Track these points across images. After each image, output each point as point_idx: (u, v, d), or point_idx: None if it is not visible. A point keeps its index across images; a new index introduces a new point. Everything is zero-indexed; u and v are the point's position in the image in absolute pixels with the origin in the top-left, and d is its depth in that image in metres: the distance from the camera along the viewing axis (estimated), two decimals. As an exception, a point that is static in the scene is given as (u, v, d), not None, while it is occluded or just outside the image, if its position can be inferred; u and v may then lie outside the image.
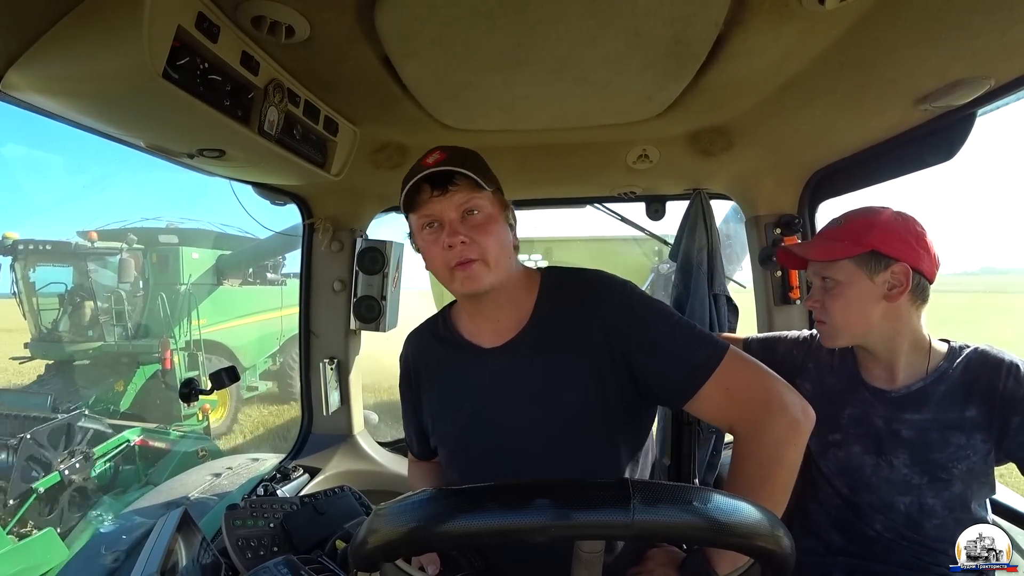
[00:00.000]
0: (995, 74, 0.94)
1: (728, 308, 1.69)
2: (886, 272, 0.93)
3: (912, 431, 0.95)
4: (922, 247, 0.93)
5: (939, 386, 0.94)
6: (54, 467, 4.34)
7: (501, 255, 0.85)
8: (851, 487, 1.01)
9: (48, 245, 7.09)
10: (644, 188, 1.79)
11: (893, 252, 0.92)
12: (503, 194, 0.91)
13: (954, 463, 0.92)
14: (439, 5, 0.80)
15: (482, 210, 0.84)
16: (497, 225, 0.86)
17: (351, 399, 1.89)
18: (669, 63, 0.99)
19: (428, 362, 0.99)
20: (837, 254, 0.96)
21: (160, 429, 5.40)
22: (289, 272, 9.49)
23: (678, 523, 0.45)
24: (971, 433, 0.92)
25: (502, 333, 0.90)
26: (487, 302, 0.89)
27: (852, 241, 0.94)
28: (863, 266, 0.94)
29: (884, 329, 0.96)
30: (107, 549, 1.12)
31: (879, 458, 0.98)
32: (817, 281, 1.01)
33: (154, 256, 7.76)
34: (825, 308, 0.99)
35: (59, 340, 7.19)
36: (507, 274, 0.87)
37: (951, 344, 0.98)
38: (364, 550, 0.48)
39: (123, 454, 4.97)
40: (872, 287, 0.94)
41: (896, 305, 0.94)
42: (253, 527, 0.99)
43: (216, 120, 0.91)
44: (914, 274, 0.92)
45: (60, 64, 0.76)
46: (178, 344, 7.26)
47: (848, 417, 1.02)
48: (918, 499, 0.95)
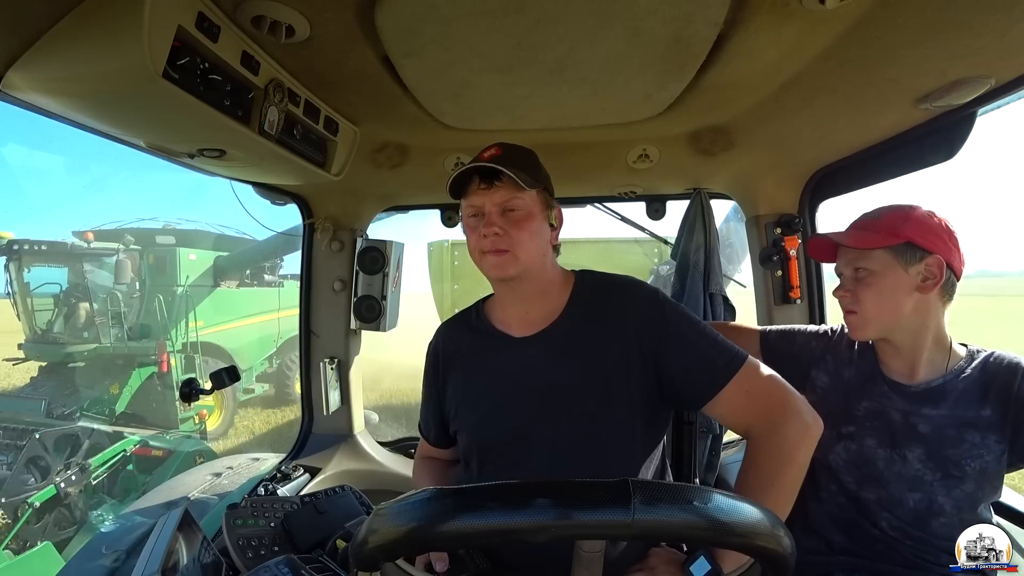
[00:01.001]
0: (995, 74, 0.94)
1: (724, 308, 1.69)
2: (920, 264, 0.94)
3: (928, 426, 0.96)
4: (953, 243, 0.94)
5: (957, 384, 0.95)
6: (50, 479, 4.26)
7: (532, 249, 0.90)
8: (859, 481, 1.01)
9: (43, 245, 6.97)
10: (644, 188, 1.79)
11: (928, 244, 0.93)
12: (551, 194, 0.96)
13: (967, 460, 0.93)
14: (439, 5, 0.80)
15: (521, 208, 0.89)
16: (533, 223, 0.90)
17: (351, 399, 1.89)
18: (669, 63, 0.99)
19: (459, 349, 1.03)
20: (874, 243, 0.96)
21: (157, 437, 5.29)
22: (287, 274, 9.43)
23: (678, 523, 0.46)
24: (986, 433, 0.92)
25: (533, 324, 0.94)
26: (518, 291, 0.94)
27: (888, 232, 0.95)
28: (898, 256, 0.95)
29: (912, 322, 0.97)
30: (108, 549, 1.12)
31: (892, 451, 0.98)
32: (848, 271, 1.01)
33: (151, 257, 7.68)
34: (857, 298, 0.99)
35: (54, 342, 7.08)
36: (538, 267, 0.92)
37: (969, 347, 0.99)
38: (365, 549, 0.48)
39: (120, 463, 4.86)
40: (906, 277, 0.94)
41: (927, 298, 0.95)
42: (254, 526, 0.99)
43: (216, 120, 0.91)
44: (947, 268, 0.93)
45: (60, 64, 0.76)
46: (175, 346, 7.18)
47: (864, 409, 1.02)
48: (928, 496, 0.95)
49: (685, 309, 0.94)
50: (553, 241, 0.96)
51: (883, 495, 0.99)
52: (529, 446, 0.90)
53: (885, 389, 1.01)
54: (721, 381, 0.86)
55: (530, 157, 0.94)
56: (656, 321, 0.89)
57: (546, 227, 0.93)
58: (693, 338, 0.89)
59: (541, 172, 0.94)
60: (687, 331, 0.89)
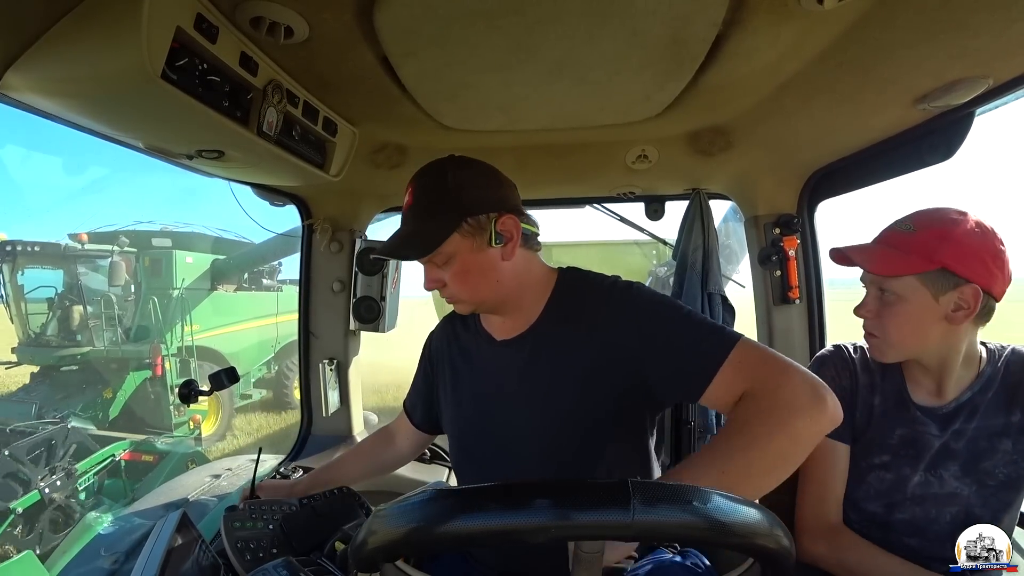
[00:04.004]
0: (993, 73, 0.94)
1: (723, 308, 1.69)
2: (954, 292, 0.83)
3: (962, 441, 0.91)
4: (997, 266, 0.83)
5: (986, 394, 0.90)
6: (33, 485, 4.14)
7: (479, 290, 0.86)
8: (888, 508, 0.96)
9: (37, 247, 6.91)
10: (643, 188, 1.79)
11: (965, 272, 0.82)
12: (486, 207, 0.84)
13: (1000, 468, 0.89)
14: (438, 5, 0.80)
15: (447, 260, 0.84)
16: (465, 270, 0.84)
17: (351, 400, 1.89)
18: (668, 63, 0.99)
19: (451, 345, 1.03)
20: (902, 270, 0.85)
21: (147, 442, 5.18)
22: (285, 278, 9.36)
23: (678, 523, 0.45)
24: (1018, 438, 0.88)
25: (513, 328, 0.93)
26: (488, 310, 0.93)
27: (921, 255, 0.84)
28: (929, 283, 0.84)
29: (940, 348, 0.89)
30: (106, 551, 1.12)
31: (928, 474, 0.93)
32: (873, 291, 0.92)
33: (146, 260, 7.63)
34: (880, 323, 0.91)
35: (47, 345, 7.02)
36: (498, 295, 0.88)
37: (988, 346, 0.93)
38: (364, 551, 0.48)
39: (108, 469, 4.75)
40: (935, 307, 0.85)
41: (958, 327, 0.86)
42: (252, 529, 0.99)
43: (215, 121, 0.91)
44: (984, 295, 0.83)
45: (59, 65, 0.76)
46: (169, 350, 7.13)
47: (899, 438, 0.95)
48: (965, 508, 0.91)
49: (666, 299, 0.86)
50: (507, 257, 0.86)
51: (918, 512, 0.93)
52: (508, 446, 0.90)
53: (918, 415, 0.93)
54: (712, 367, 0.75)
55: (438, 184, 0.84)
56: (632, 328, 0.82)
57: (488, 255, 0.84)
58: (674, 330, 0.80)
59: (459, 198, 0.83)
60: (666, 325, 0.81)
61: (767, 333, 1.72)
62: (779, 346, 1.69)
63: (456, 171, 0.85)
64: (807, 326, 1.67)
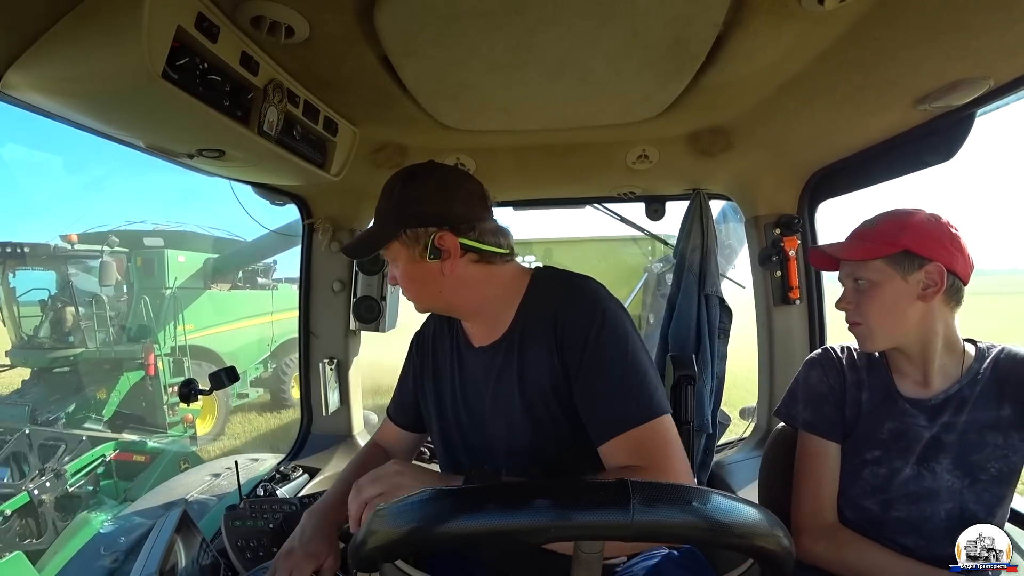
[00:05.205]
0: (994, 74, 0.94)
1: (721, 309, 1.69)
2: (919, 272, 0.91)
3: (952, 435, 0.93)
4: (956, 248, 0.92)
5: (975, 387, 0.93)
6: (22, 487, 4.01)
7: (420, 297, 0.90)
8: (883, 505, 0.97)
9: (26, 248, 6.76)
10: (644, 188, 1.79)
11: (926, 252, 0.91)
12: (425, 222, 0.84)
13: (992, 462, 0.91)
14: (438, 5, 0.80)
15: (397, 264, 0.89)
16: (408, 277, 0.88)
17: (351, 399, 1.89)
18: (668, 63, 0.99)
19: (436, 346, 1.03)
20: (870, 254, 0.95)
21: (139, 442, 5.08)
22: (280, 276, 9.19)
23: (678, 523, 0.46)
24: (1008, 432, 0.90)
25: (487, 335, 0.93)
26: (447, 314, 0.97)
27: (884, 241, 0.94)
28: (896, 266, 0.93)
29: (920, 330, 0.95)
30: (106, 550, 1.12)
31: (920, 467, 0.95)
32: (849, 283, 1.00)
33: (138, 259, 7.51)
34: (860, 310, 0.97)
35: (39, 347, 6.91)
36: (442, 304, 0.92)
37: (978, 345, 0.97)
38: (364, 550, 0.48)
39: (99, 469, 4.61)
40: (906, 287, 0.93)
41: (931, 306, 0.92)
42: (252, 527, 0.99)
43: (216, 120, 0.91)
44: (948, 275, 0.91)
45: (60, 64, 0.76)
46: (163, 350, 7.04)
47: (889, 432, 0.97)
48: (960, 504, 0.93)
49: (624, 336, 0.82)
50: (447, 271, 0.84)
51: (913, 511, 0.95)
52: (486, 453, 0.92)
53: (906, 407, 0.97)
54: (621, 427, 0.77)
55: (388, 193, 0.87)
56: (579, 343, 0.81)
57: (426, 266, 0.84)
58: (609, 370, 0.80)
59: (401, 210, 0.85)
60: (608, 361, 0.80)
61: (767, 334, 1.72)
62: (779, 346, 1.70)
63: (407, 183, 0.86)
64: (807, 326, 1.67)
